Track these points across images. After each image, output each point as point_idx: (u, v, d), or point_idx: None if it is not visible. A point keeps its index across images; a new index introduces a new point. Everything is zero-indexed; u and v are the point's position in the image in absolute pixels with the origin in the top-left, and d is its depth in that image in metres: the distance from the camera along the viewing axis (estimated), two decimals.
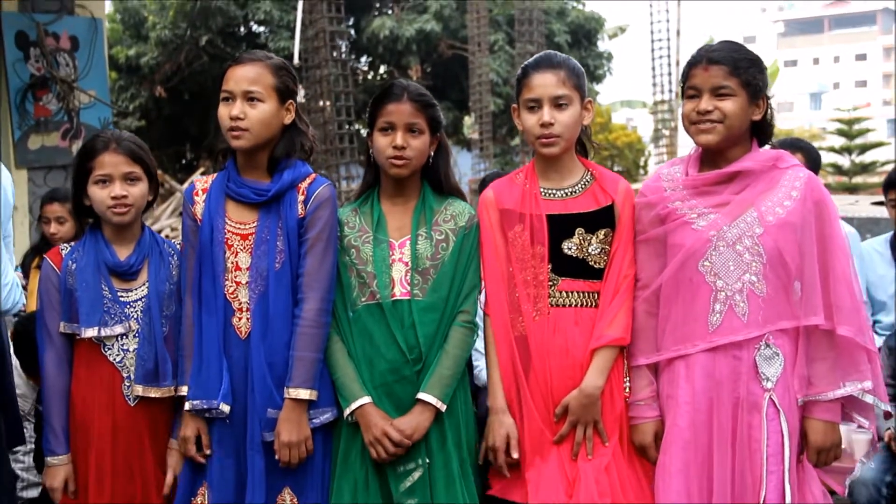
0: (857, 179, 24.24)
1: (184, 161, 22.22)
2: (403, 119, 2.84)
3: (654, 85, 20.74)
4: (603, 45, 23.25)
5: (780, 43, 70.09)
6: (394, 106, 2.85)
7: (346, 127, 14.83)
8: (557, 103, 2.83)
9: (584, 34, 21.90)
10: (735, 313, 2.69)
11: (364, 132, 17.36)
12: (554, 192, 2.90)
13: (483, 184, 3.92)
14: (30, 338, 3.18)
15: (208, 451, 2.83)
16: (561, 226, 2.85)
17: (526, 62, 2.95)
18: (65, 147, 7.88)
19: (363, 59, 22.42)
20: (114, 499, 2.87)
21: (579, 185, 2.91)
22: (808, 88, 68.33)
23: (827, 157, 24.37)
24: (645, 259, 2.85)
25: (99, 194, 2.93)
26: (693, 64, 2.77)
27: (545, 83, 2.83)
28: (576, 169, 2.94)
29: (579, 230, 2.84)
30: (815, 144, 5.04)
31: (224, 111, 2.82)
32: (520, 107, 2.91)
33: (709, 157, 2.81)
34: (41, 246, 4.93)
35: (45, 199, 4.95)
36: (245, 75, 2.81)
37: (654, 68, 20.72)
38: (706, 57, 2.74)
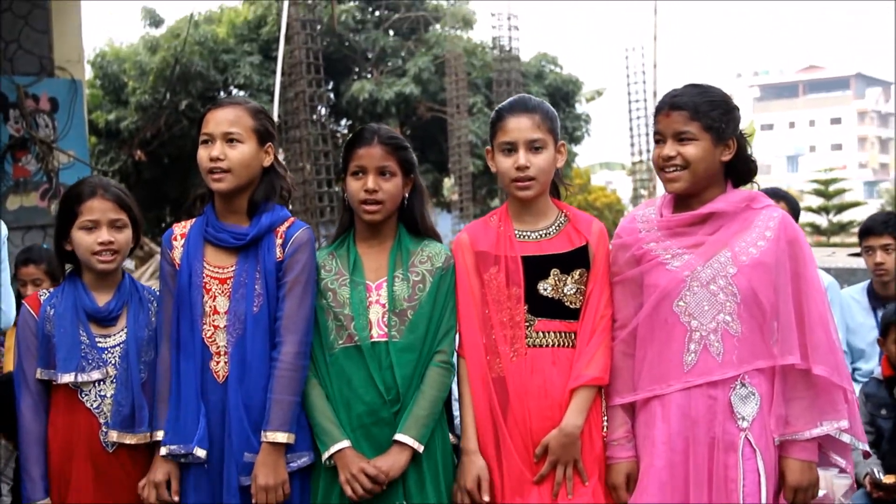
0: (835, 239, 24.52)
1: (163, 224, 22.22)
2: (374, 162, 2.88)
3: (632, 146, 21.05)
4: (581, 107, 23.61)
5: (755, 107, 71.29)
6: (364, 150, 2.89)
7: (326, 188, 14.92)
8: (532, 147, 2.88)
9: (562, 96, 22.24)
10: (710, 353, 2.71)
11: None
12: (528, 233, 2.94)
13: None
14: (4, 397, 3.17)
15: (176, 498, 2.81)
16: (536, 267, 2.88)
17: (500, 105, 3.02)
18: (43, 207, 7.91)
19: (343, 121, 22.65)
20: None
21: (553, 227, 2.96)
22: (784, 151, 69.42)
23: (805, 217, 24.73)
24: (621, 300, 2.89)
25: (85, 240, 2.94)
26: (658, 110, 2.83)
27: (520, 126, 2.89)
28: (549, 210, 2.98)
29: (554, 271, 2.88)
30: None
31: (204, 153, 2.86)
32: (494, 150, 2.96)
33: (682, 199, 2.84)
34: (18, 307, 4.92)
35: (20, 260, 4.94)
36: (225, 117, 2.86)
37: (631, 129, 21.03)
38: (668, 102, 2.79)
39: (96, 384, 2.91)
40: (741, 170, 2.85)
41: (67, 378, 2.89)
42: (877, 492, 3.73)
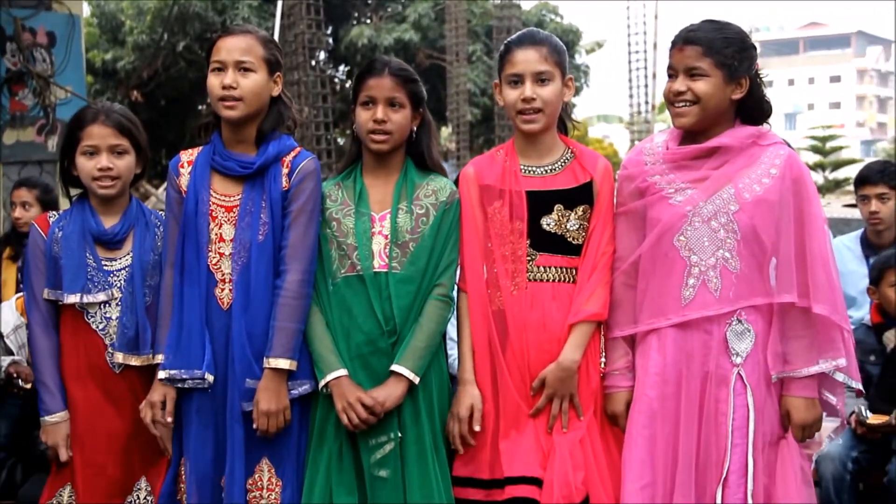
0: (831, 196, 24.56)
1: (159, 167, 22.16)
2: (384, 93, 2.88)
3: (631, 97, 20.96)
4: (580, 58, 23.48)
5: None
6: (375, 80, 2.89)
7: (324, 131, 14.88)
8: (539, 79, 2.89)
9: None
10: (708, 288, 2.73)
11: (342, 141, 17.45)
12: (534, 169, 2.95)
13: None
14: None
15: (169, 419, 2.86)
16: (540, 202, 2.90)
17: (509, 39, 3.01)
18: (40, 142, 7.88)
19: (341, 67, 22.50)
20: (100, 463, 2.93)
21: (559, 163, 2.97)
22: (783, 109, 69.01)
23: None
24: (624, 232, 2.91)
25: (85, 165, 2.97)
26: (673, 43, 2.82)
27: (527, 59, 2.89)
28: (556, 146, 2.99)
29: (558, 206, 2.90)
30: None
31: (215, 81, 2.84)
32: (501, 83, 2.97)
33: (690, 135, 2.84)
34: (10, 236, 4.97)
35: (15, 185, 5.00)
36: (237, 45, 2.84)
37: (630, 80, 20.95)
38: (683, 37, 2.78)
39: (102, 306, 2.96)
40: (753, 110, 2.84)
41: (73, 299, 2.93)
42: (861, 429, 3.83)
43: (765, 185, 2.74)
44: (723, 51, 2.73)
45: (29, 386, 3.72)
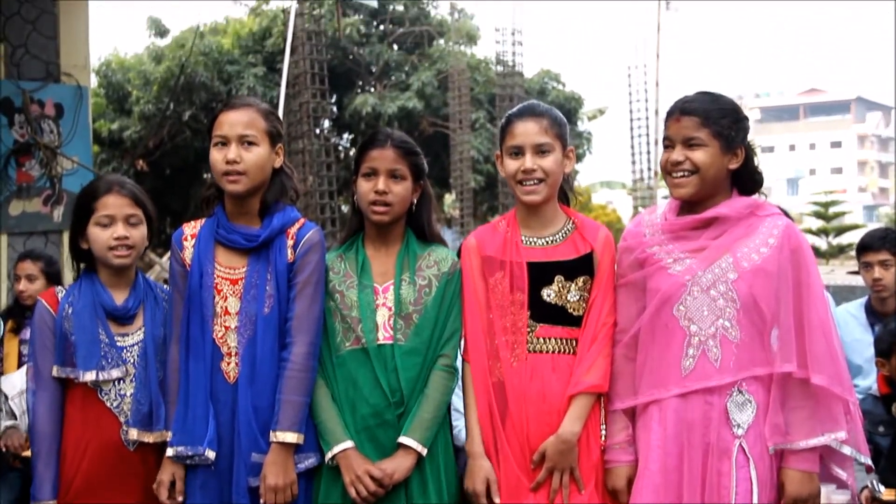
0: (835, 262, 24.55)
1: (163, 235, 22.26)
2: (386, 164, 2.92)
3: (633, 164, 21.14)
4: (583, 125, 23.71)
5: (757, 129, 71.19)
6: (377, 152, 2.94)
7: (328, 199, 14.98)
8: (540, 150, 2.94)
9: (564, 114, 21.94)
10: (708, 358, 2.74)
11: (346, 209, 17.55)
12: (535, 239, 2.99)
13: None
14: None
15: (180, 498, 2.84)
16: (541, 273, 2.93)
17: (510, 111, 3.08)
18: (46, 213, 7.92)
19: (345, 135, 22.74)
20: None
21: (560, 234, 3.00)
22: (785, 174, 69.49)
23: None
24: (624, 303, 2.93)
25: (101, 235, 2.98)
26: (669, 115, 2.87)
27: (528, 131, 2.94)
28: (557, 217, 3.03)
29: (559, 277, 2.93)
30: None
31: (219, 155, 2.88)
32: (502, 154, 3.02)
33: (688, 206, 2.88)
34: (13, 309, 4.94)
35: (19, 257, 5.00)
36: (239, 119, 2.89)
37: (632, 147, 21.13)
38: (679, 108, 2.83)
39: (115, 383, 2.94)
40: (747, 180, 2.88)
41: (89, 377, 2.91)
42: None
43: (763, 254, 2.76)
44: (720, 121, 2.78)
45: (26, 453, 3.69)
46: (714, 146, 2.78)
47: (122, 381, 2.94)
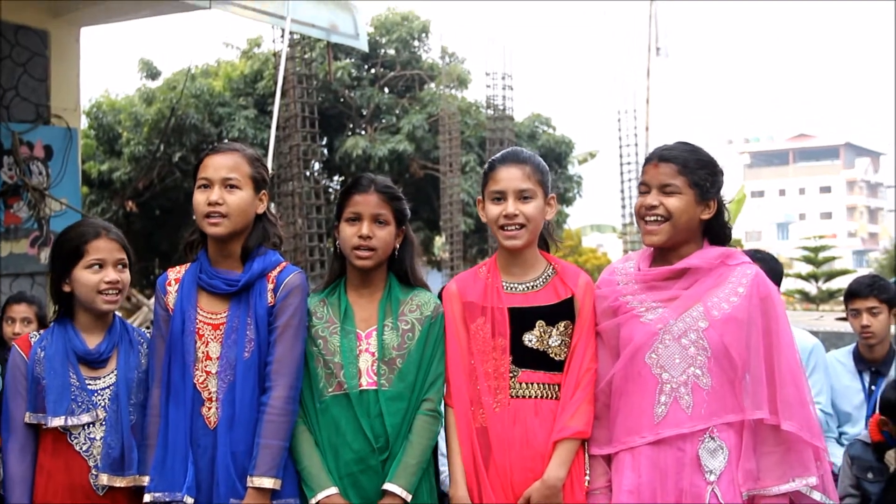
0: (825, 307, 24.59)
1: (152, 276, 22.23)
2: (370, 209, 2.96)
3: (624, 209, 21.17)
4: (573, 168, 23.83)
5: (746, 174, 71.94)
6: (361, 196, 2.98)
7: (317, 242, 14.99)
8: (522, 196, 2.98)
9: (555, 157, 22.46)
10: (680, 406, 2.78)
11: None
12: (516, 285, 3.03)
13: None
14: None
15: None
16: (522, 319, 2.97)
17: (493, 157, 3.12)
18: (33, 255, 7.94)
19: (335, 177, 22.81)
20: None
21: (541, 279, 3.04)
22: (774, 218, 69.90)
23: (794, 284, 24.82)
24: (599, 351, 2.97)
25: (91, 279, 2.99)
26: (647, 161, 2.94)
27: (510, 177, 2.99)
28: (537, 263, 3.07)
29: (540, 323, 2.97)
30: (784, 272, 5.14)
31: (201, 197, 2.92)
32: (485, 199, 3.07)
33: (661, 254, 2.94)
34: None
35: (12, 299, 4.97)
36: (224, 163, 2.94)
37: (623, 191, 21.18)
38: (658, 155, 2.90)
39: (86, 427, 2.94)
40: (718, 232, 2.95)
41: (57, 422, 2.92)
42: None
43: (733, 303, 2.81)
44: (697, 171, 2.86)
45: None
46: (689, 195, 2.85)
47: (92, 426, 2.94)
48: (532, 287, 3.02)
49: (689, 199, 2.84)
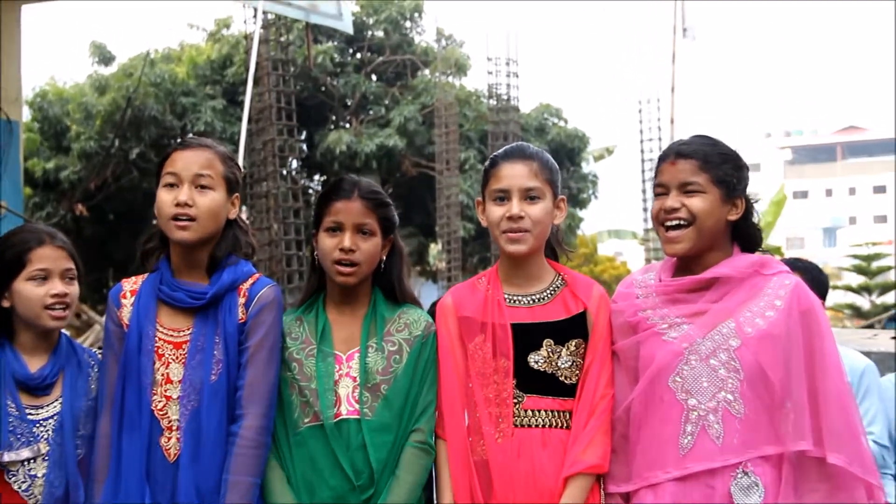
0: (879, 325, 24.55)
1: (105, 290, 22.22)
2: (353, 219, 2.97)
3: (645, 210, 21.16)
4: (588, 166, 23.89)
5: (787, 171, 71.84)
6: (342, 204, 2.99)
7: (295, 250, 15.01)
8: (528, 196, 2.99)
9: (567, 153, 22.52)
10: (709, 436, 2.77)
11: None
12: (520, 298, 3.04)
13: None
14: None
15: None
16: (527, 336, 2.98)
17: (495, 152, 3.14)
18: None
19: (316, 176, 22.85)
20: None
21: (548, 291, 3.06)
22: (820, 223, 69.78)
23: (844, 298, 24.81)
24: (616, 374, 2.97)
25: (35, 292, 2.99)
26: (662, 158, 2.94)
27: (515, 174, 3.00)
28: (544, 273, 3.08)
29: (548, 341, 2.98)
30: (831, 284, 5.10)
31: (167, 197, 2.92)
32: (485, 199, 3.07)
33: (684, 263, 2.95)
34: None
35: None
36: (195, 159, 2.95)
37: (644, 192, 21.18)
38: (675, 151, 2.91)
39: (26, 463, 2.93)
40: (748, 236, 2.96)
41: None
42: None
43: (769, 318, 2.81)
44: (720, 166, 2.87)
45: None
46: (713, 193, 2.85)
47: (33, 461, 2.93)
48: (538, 300, 3.04)
49: (715, 199, 2.85)
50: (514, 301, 3.03)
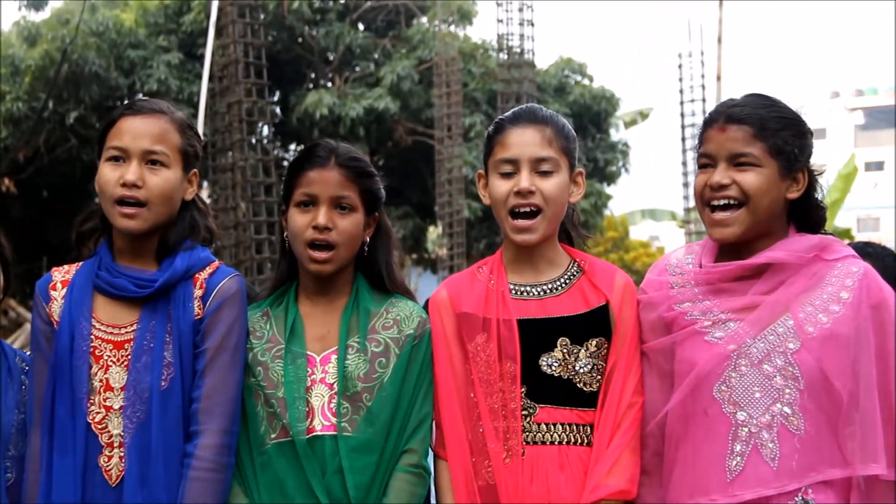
0: None
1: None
2: (329, 191, 2.96)
3: (686, 185, 21.13)
4: (617, 133, 23.88)
5: (859, 138, 71.54)
6: (316, 172, 2.98)
7: (266, 234, 15.01)
8: (540, 168, 2.99)
9: (591, 118, 22.53)
10: (762, 457, 2.76)
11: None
12: (528, 289, 3.04)
13: None
14: None
15: None
16: (538, 335, 2.97)
17: (502, 115, 3.13)
18: None
19: (291, 147, 22.85)
20: None
21: (562, 280, 3.06)
22: None
23: None
24: (647, 379, 2.97)
25: None
26: (708, 123, 2.92)
27: (525, 141, 3.00)
28: (558, 258, 3.09)
29: (563, 341, 2.97)
30: None
31: (112, 174, 2.92)
32: (488, 171, 3.07)
33: (731, 246, 2.92)
34: None
35: None
36: (146, 129, 2.94)
37: (685, 164, 21.15)
38: (725, 114, 2.87)
39: None
40: (808, 215, 2.94)
41: None
42: None
43: (834, 314, 2.79)
44: (779, 133, 2.84)
45: None
46: (771, 166, 2.84)
47: None
48: (551, 291, 3.03)
49: (772, 173, 2.83)
50: (522, 293, 3.04)
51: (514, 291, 3.04)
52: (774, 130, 2.83)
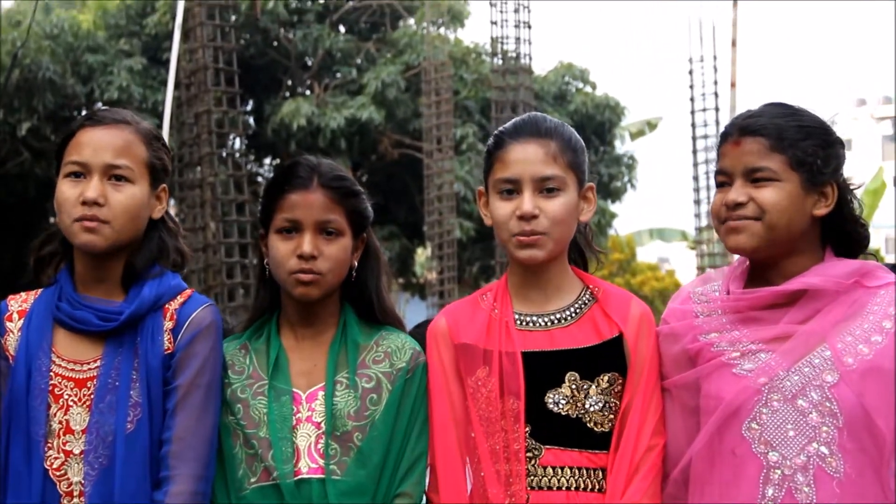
0: None
1: None
2: (313, 215, 2.96)
3: (697, 202, 21.16)
4: (623, 145, 23.96)
5: (887, 150, 71.88)
6: (299, 196, 2.98)
7: (238, 257, 15.01)
8: (544, 187, 2.98)
9: (594, 129, 22.58)
10: (797, 502, 2.76)
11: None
12: (534, 319, 3.03)
13: None
14: None
15: None
16: (545, 369, 2.96)
17: (502, 128, 3.13)
18: None
19: (266, 160, 22.86)
20: None
21: (573, 309, 3.05)
22: None
23: None
24: (668, 417, 2.97)
25: None
26: (725, 136, 2.93)
27: (527, 158, 2.99)
28: (567, 285, 3.08)
29: (571, 376, 2.96)
30: None
31: (71, 192, 2.91)
32: (489, 191, 3.07)
33: (759, 272, 2.93)
34: None
35: None
36: (109, 142, 2.94)
37: (696, 177, 21.18)
38: (740, 126, 2.89)
39: None
40: (846, 234, 2.93)
41: None
42: None
43: (876, 345, 2.79)
44: (799, 144, 2.85)
45: None
46: (791, 181, 2.84)
47: None
48: (560, 321, 3.03)
49: (793, 188, 2.84)
50: (527, 323, 3.03)
51: (519, 321, 3.03)
52: (794, 141, 2.84)
